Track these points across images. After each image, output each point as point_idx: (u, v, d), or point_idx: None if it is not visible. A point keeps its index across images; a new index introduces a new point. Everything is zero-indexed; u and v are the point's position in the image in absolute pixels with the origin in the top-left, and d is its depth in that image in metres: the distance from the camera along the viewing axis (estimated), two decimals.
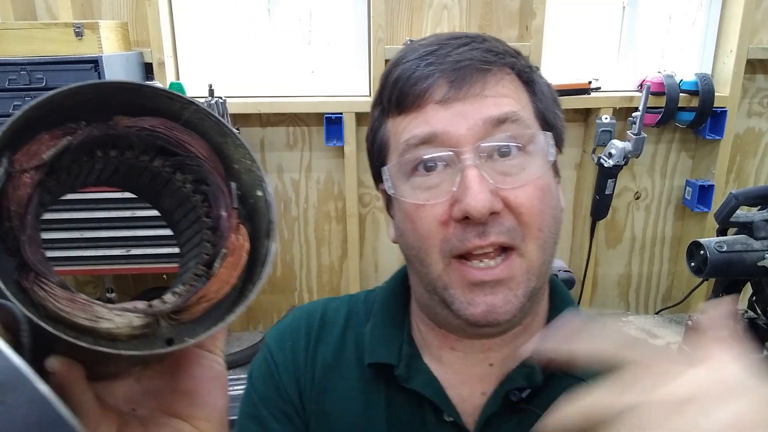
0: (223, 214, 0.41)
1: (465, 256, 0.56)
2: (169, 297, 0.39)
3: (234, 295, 0.41)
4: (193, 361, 0.43)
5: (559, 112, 0.65)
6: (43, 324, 0.31)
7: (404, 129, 0.58)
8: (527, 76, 0.61)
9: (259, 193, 0.43)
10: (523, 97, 0.60)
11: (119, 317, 0.36)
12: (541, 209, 0.56)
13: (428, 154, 0.56)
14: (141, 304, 0.38)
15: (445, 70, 0.56)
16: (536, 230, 0.56)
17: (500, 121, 0.56)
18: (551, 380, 0.62)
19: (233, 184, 0.42)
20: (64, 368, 0.34)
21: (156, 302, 0.38)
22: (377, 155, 0.64)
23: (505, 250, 0.56)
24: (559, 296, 0.68)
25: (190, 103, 0.41)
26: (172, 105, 0.41)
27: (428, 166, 0.57)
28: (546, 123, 0.62)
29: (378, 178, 0.64)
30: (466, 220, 0.54)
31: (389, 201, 0.64)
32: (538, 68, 0.64)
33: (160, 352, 0.37)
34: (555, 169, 0.63)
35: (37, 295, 0.34)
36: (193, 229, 0.43)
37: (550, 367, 0.61)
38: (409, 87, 0.57)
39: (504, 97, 0.57)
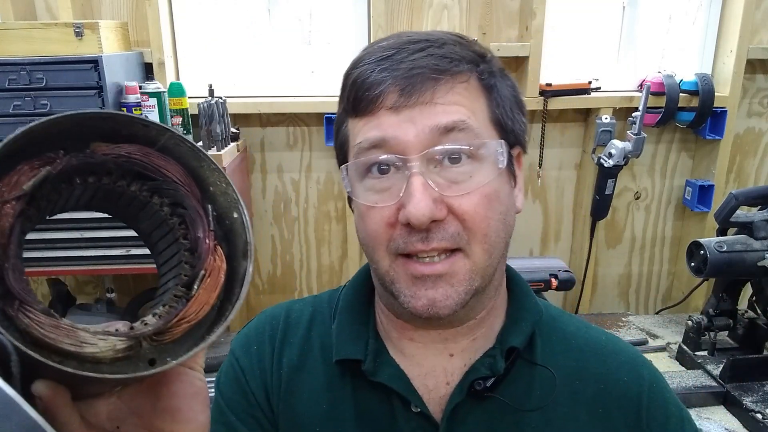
0: (201, 236, 0.42)
1: (409, 254, 0.59)
2: (150, 319, 0.40)
3: (213, 315, 0.42)
4: (174, 379, 0.44)
5: (519, 115, 0.65)
6: (29, 351, 0.32)
7: (359, 131, 0.61)
8: (486, 82, 0.62)
9: (235, 215, 0.44)
10: (477, 104, 0.61)
11: (103, 341, 0.37)
12: (486, 216, 0.58)
13: (378, 157, 0.59)
14: (122, 326, 0.39)
15: (398, 77, 0.58)
16: (481, 235, 0.59)
17: (448, 129, 0.57)
18: (512, 368, 0.65)
19: (209, 207, 0.44)
20: (51, 393, 0.35)
21: (137, 324, 0.39)
22: (339, 151, 0.66)
23: (451, 250, 0.58)
24: (520, 289, 0.71)
25: (165, 129, 0.42)
26: (148, 132, 0.42)
27: (381, 169, 0.59)
28: (502, 129, 0.63)
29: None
30: (410, 225, 0.57)
31: (349, 197, 0.67)
32: (502, 70, 0.65)
33: (143, 374, 0.38)
34: (511, 172, 0.64)
35: (21, 323, 0.34)
36: (171, 251, 0.44)
37: (511, 356, 0.65)
38: (363, 91, 0.59)
39: (454, 105, 0.59)
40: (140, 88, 1.76)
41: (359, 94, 0.59)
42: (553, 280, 1.74)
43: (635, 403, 0.67)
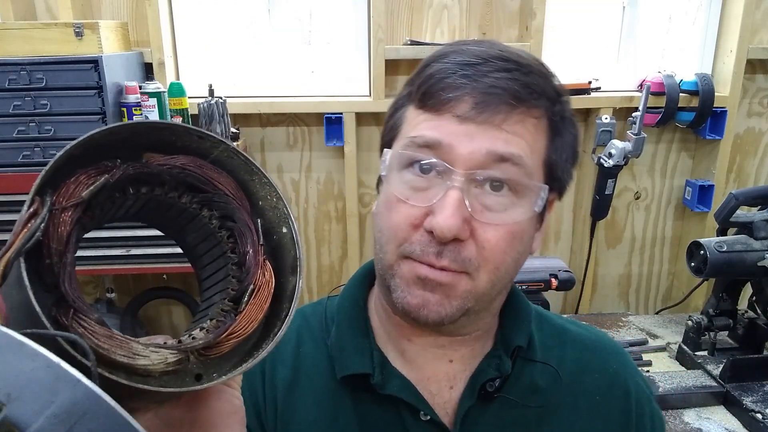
0: (249, 250, 0.42)
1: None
2: (198, 333, 0.40)
3: (259, 331, 0.42)
4: (212, 396, 0.43)
5: (571, 167, 0.65)
6: (84, 360, 0.32)
7: (417, 125, 0.60)
8: (555, 125, 0.61)
9: (284, 230, 0.44)
10: (538, 144, 0.60)
11: (155, 354, 0.37)
12: (505, 252, 0.58)
13: (425, 159, 0.58)
14: (170, 341, 0.39)
15: (476, 89, 0.56)
16: (493, 267, 0.58)
17: (503, 159, 0.56)
18: (517, 366, 0.66)
19: (258, 221, 0.44)
20: None
21: (186, 338, 0.39)
22: (389, 131, 0.65)
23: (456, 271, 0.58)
24: (512, 290, 0.70)
25: (220, 142, 0.43)
26: (202, 143, 0.42)
27: (423, 168, 0.58)
28: (551, 175, 0.62)
29: (382, 151, 0.65)
30: (432, 233, 0.56)
31: (380, 178, 0.66)
32: (572, 116, 0.64)
33: (192, 389, 0.37)
34: (540, 217, 0.64)
35: (75, 332, 0.34)
36: (217, 264, 0.44)
37: (517, 355, 0.67)
38: (437, 89, 0.58)
39: (518, 137, 0.57)
40: (140, 88, 1.77)
41: (433, 90, 0.58)
42: (553, 280, 1.74)
43: (624, 389, 0.70)
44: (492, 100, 0.56)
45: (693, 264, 1.50)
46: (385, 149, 0.63)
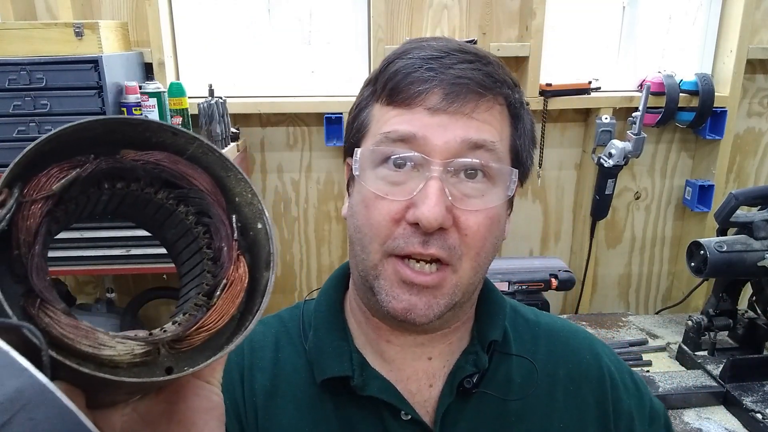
0: (224, 245, 0.42)
1: (402, 256, 0.59)
2: (169, 326, 0.40)
3: (233, 325, 0.42)
4: (190, 392, 0.43)
5: (532, 151, 0.67)
6: (49, 351, 0.32)
7: (387, 121, 0.60)
8: (516, 111, 0.64)
9: (260, 226, 0.44)
10: (505, 130, 0.62)
11: (121, 345, 0.36)
12: (485, 237, 0.60)
13: (402, 153, 0.59)
14: (141, 332, 0.39)
15: (444, 81, 0.58)
16: (475, 253, 0.60)
17: (477, 146, 0.58)
18: (494, 361, 0.67)
19: (234, 217, 0.44)
20: (66, 395, 0.34)
21: (156, 331, 0.39)
22: (355, 132, 0.66)
23: (441, 261, 0.59)
24: (485, 285, 0.72)
25: (194, 138, 0.43)
26: (177, 140, 0.42)
27: (397, 163, 0.59)
28: (517, 159, 0.64)
29: (349, 153, 0.66)
30: (415, 225, 0.57)
31: (351, 179, 0.66)
32: (528, 104, 0.67)
33: (160, 380, 0.37)
34: (510, 202, 0.66)
35: (42, 321, 0.34)
36: (194, 260, 0.44)
37: (493, 349, 0.68)
38: (406, 84, 0.59)
39: (488, 125, 0.60)
40: (140, 88, 1.76)
41: (401, 85, 0.59)
42: (553, 280, 1.74)
43: (598, 377, 0.71)
44: (460, 90, 0.58)
45: (693, 264, 1.50)
46: (356, 150, 0.63)
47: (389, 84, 0.60)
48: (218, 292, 0.41)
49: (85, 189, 0.39)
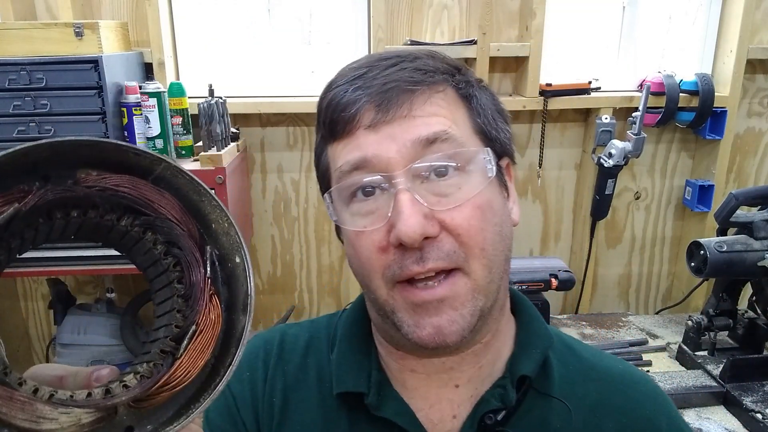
0: (196, 283, 0.38)
1: (407, 280, 0.56)
2: (131, 379, 0.36)
3: (205, 374, 0.38)
4: None
5: (503, 124, 0.63)
6: None
7: (338, 155, 0.58)
8: (464, 92, 0.60)
9: (238, 260, 0.40)
10: (458, 114, 0.59)
11: (65, 416, 0.33)
12: (481, 228, 0.55)
13: (361, 179, 0.56)
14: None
15: (372, 94, 0.56)
16: (478, 250, 0.55)
17: (430, 141, 0.55)
18: (524, 400, 0.62)
19: (209, 249, 0.39)
20: None
21: (115, 387, 0.35)
22: (322, 179, 0.64)
23: (448, 271, 0.55)
24: (528, 314, 0.67)
25: (160, 159, 0.38)
26: (141, 160, 0.38)
27: (366, 191, 0.57)
28: (487, 138, 0.60)
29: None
30: (402, 245, 0.54)
31: (338, 228, 0.63)
32: (480, 81, 0.63)
33: None
34: (502, 182, 0.62)
35: None
36: (164, 293, 0.40)
37: (524, 386, 0.61)
38: (338, 113, 0.57)
39: (433, 116, 0.56)
40: (140, 88, 1.76)
41: (335, 116, 0.57)
42: (553, 280, 1.74)
43: None
44: (390, 95, 0.55)
45: (693, 264, 1.50)
46: (324, 196, 0.61)
47: (326, 120, 0.59)
48: (186, 342, 0.37)
49: (32, 221, 0.35)
